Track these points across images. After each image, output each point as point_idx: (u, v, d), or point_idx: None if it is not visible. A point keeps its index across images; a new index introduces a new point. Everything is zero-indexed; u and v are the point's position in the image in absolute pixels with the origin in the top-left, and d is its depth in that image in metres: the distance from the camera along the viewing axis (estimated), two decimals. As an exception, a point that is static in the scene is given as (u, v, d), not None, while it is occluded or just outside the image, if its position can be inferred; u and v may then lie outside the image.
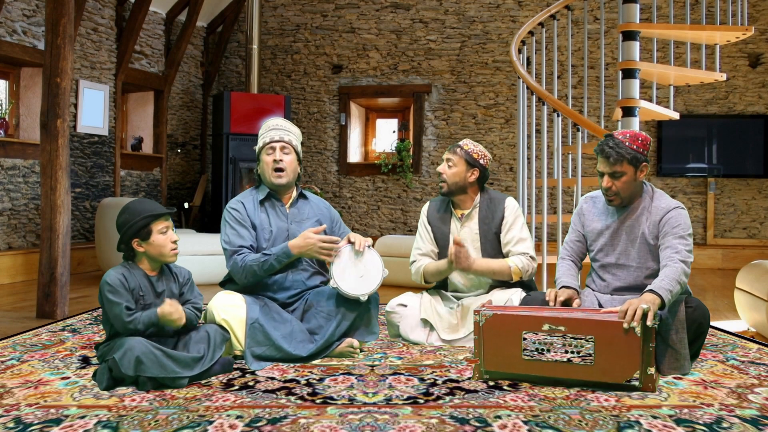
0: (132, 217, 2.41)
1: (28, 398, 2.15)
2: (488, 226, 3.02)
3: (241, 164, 6.96)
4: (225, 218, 2.80)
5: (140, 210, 2.42)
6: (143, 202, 2.49)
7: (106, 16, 6.41)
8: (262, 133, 2.87)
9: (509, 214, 3.02)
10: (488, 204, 3.05)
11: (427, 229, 3.14)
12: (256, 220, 2.80)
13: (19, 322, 3.56)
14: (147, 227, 2.41)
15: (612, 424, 1.92)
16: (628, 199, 2.64)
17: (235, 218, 2.78)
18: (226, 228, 2.78)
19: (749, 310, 3.48)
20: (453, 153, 3.01)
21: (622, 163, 2.56)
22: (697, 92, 7.31)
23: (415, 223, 7.74)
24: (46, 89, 3.71)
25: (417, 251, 3.13)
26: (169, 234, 2.46)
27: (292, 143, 2.85)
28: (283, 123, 2.90)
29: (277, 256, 2.68)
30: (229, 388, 2.26)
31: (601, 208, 2.77)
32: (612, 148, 2.57)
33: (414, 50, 7.78)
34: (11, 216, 5.42)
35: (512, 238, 2.98)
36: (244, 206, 2.82)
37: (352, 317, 2.73)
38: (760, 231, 7.26)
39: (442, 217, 3.11)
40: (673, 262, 2.44)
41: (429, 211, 3.17)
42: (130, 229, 2.40)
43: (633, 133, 2.62)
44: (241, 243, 2.73)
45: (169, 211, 2.47)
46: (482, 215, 3.04)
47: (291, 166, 2.83)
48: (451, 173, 2.99)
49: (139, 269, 2.46)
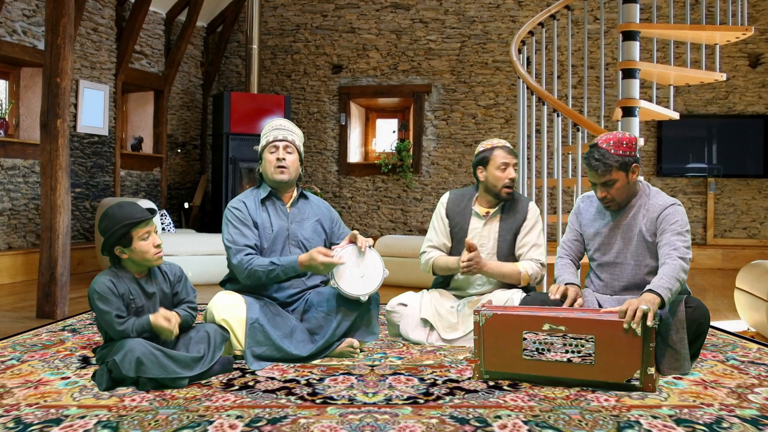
0: (111, 225, 2.34)
1: (28, 398, 2.15)
2: (509, 227, 3.01)
3: (241, 164, 6.96)
4: (227, 217, 2.80)
5: (120, 217, 2.35)
6: (122, 206, 2.40)
7: (106, 16, 6.41)
8: (265, 133, 2.88)
9: (531, 218, 3.02)
10: (512, 204, 3.05)
11: (443, 222, 3.11)
12: (257, 219, 2.80)
13: (19, 322, 3.56)
14: (127, 235, 2.35)
15: (612, 424, 1.92)
16: (625, 201, 2.65)
17: (238, 217, 2.77)
18: (228, 227, 2.77)
19: (749, 310, 3.48)
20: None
21: (610, 172, 2.56)
22: (697, 92, 7.31)
23: (415, 223, 7.74)
24: (46, 89, 3.70)
25: (428, 243, 3.11)
26: (151, 238, 2.39)
27: (295, 143, 2.86)
28: (286, 123, 2.92)
29: (285, 268, 2.68)
30: (229, 388, 2.26)
31: (598, 207, 2.77)
32: (598, 160, 2.56)
33: (414, 50, 7.78)
34: (11, 216, 5.42)
35: (528, 243, 2.98)
36: (245, 205, 2.81)
37: (352, 317, 2.72)
38: (760, 231, 7.26)
39: (462, 212, 3.08)
40: (672, 259, 2.44)
41: (449, 205, 3.13)
42: (110, 238, 2.34)
43: (616, 138, 2.58)
44: (245, 242, 2.72)
45: (148, 216, 2.40)
46: (505, 215, 3.03)
47: (293, 165, 2.84)
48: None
49: (127, 273, 2.42)
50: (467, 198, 3.11)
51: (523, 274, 2.92)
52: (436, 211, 3.16)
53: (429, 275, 3.18)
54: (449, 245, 3.10)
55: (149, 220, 2.40)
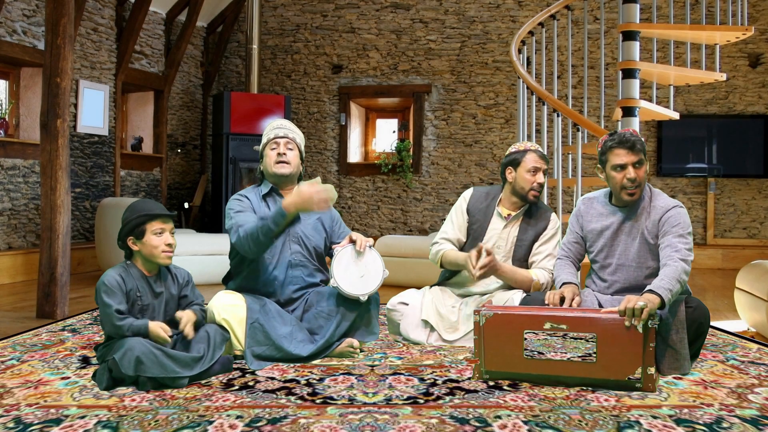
0: (130, 215, 2.44)
1: (28, 398, 2.14)
2: (529, 233, 3.00)
3: (241, 164, 6.96)
4: (229, 207, 2.80)
5: (139, 209, 2.45)
6: (146, 201, 2.50)
7: (106, 16, 6.41)
8: (267, 132, 2.92)
9: (551, 228, 3.02)
10: (535, 211, 3.04)
11: (463, 217, 3.09)
12: (259, 212, 2.80)
13: (19, 322, 3.56)
14: (142, 226, 2.42)
15: (612, 424, 1.92)
16: (640, 193, 2.65)
17: (240, 206, 2.79)
18: (230, 214, 2.77)
19: (749, 310, 3.48)
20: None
21: (644, 150, 2.61)
22: (697, 92, 7.31)
23: (414, 223, 7.74)
24: (46, 89, 3.70)
25: (443, 234, 3.10)
26: (165, 236, 2.44)
27: (296, 140, 2.90)
28: (287, 123, 2.96)
29: (273, 217, 2.62)
30: (229, 388, 2.26)
31: (600, 209, 2.77)
32: (633, 135, 2.62)
33: (414, 50, 7.78)
34: (11, 216, 5.42)
35: (543, 252, 2.98)
36: (248, 198, 2.85)
37: (352, 317, 2.72)
38: (760, 231, 7.26)
39: (485, 211, 3.07)
40: (673, 261, 2.44)
41: (472, 201, 3.11)
42: (126, 227, 2.43)
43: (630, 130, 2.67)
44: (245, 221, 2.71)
45: (166, 213, 2.46)
46: (527, 220, 3.03)
47: (294, 161, 2.87)
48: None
49: (137, 269, 2.47)
50: (491, 197, 3.10)
51: (536, 282, 2.91)
52: (457, 205, 3.14)
53: (429, 275, 3.18)
54: (464, 241, 3.09)
55: (166, 218, 2.46)
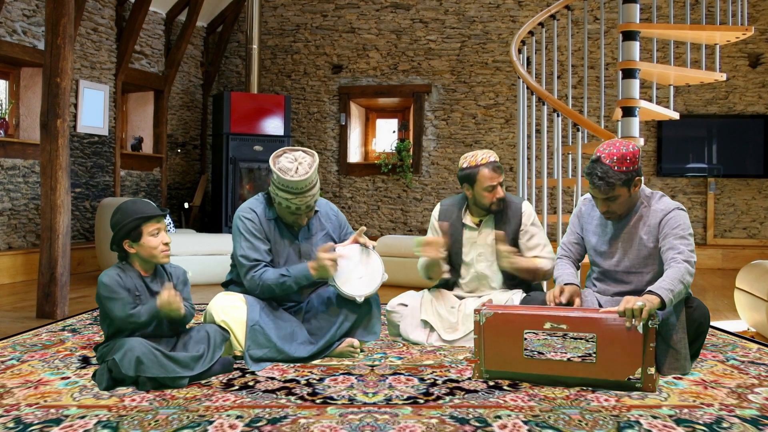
0: (123, 218, 2.39)
1: (28, 398, 2.15)
2: (505, 233, 2.96)
3: (241, 164, 6.96)
4: (238, 228, 2.71)
5: (131, 211, 2.40)
6: (136, 202, 2.45)
7: (106, 16, 6.41)
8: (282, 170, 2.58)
9: (527, 220, 3.01)
10: (504, 211, 3.01)
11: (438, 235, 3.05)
12: (268, 230, 2.74)
13: (19, 322, 3.56)
14: (137, 229, 2.39)
15: (612, 424, 1.92)
16: (625, 212, 2.63)
17: (249, 229, 2.69)
18: (240, 240, 2.70)
19: (749, 310, 3.48)
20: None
21: (613, 189, 2.51)
22: (697, 92, 7.31)
23: (414, 223, 7.75)
24: (46, 89, 3.70)
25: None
26: (161, 236, 2.43)
27: (315, 197, 2.69)
28: (304, 176, 2.58)
29: (296, 278, 2.62)
30: (229, 388, 2.26)
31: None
32: (601, 179, 2.50)
33: (414, 50, 7.78)
34: (11, 216, 5.42)
35: (537, 245, 2.99)
36: (256, 214, 2.73)
37: (353, 318, 2.72)
38: (760, 231, 7.26)
39: (454, 224, 3.04)
40: (676, 262, 2.43)
41: (441, 216, 3.10)
42: (120, 231, 2.38)
43: (619, 154, 2.50)
44: (256, 257, 2.67)
45: (160, 213, 2.44)
46: (498, 220, 3.01)
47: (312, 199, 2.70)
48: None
49: (134, 270, 2.44)
50: (457, 209, 3.08)
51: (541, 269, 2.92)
52: (431, 224, 3.16)
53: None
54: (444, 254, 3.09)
55: (160, 217, 2.44)
